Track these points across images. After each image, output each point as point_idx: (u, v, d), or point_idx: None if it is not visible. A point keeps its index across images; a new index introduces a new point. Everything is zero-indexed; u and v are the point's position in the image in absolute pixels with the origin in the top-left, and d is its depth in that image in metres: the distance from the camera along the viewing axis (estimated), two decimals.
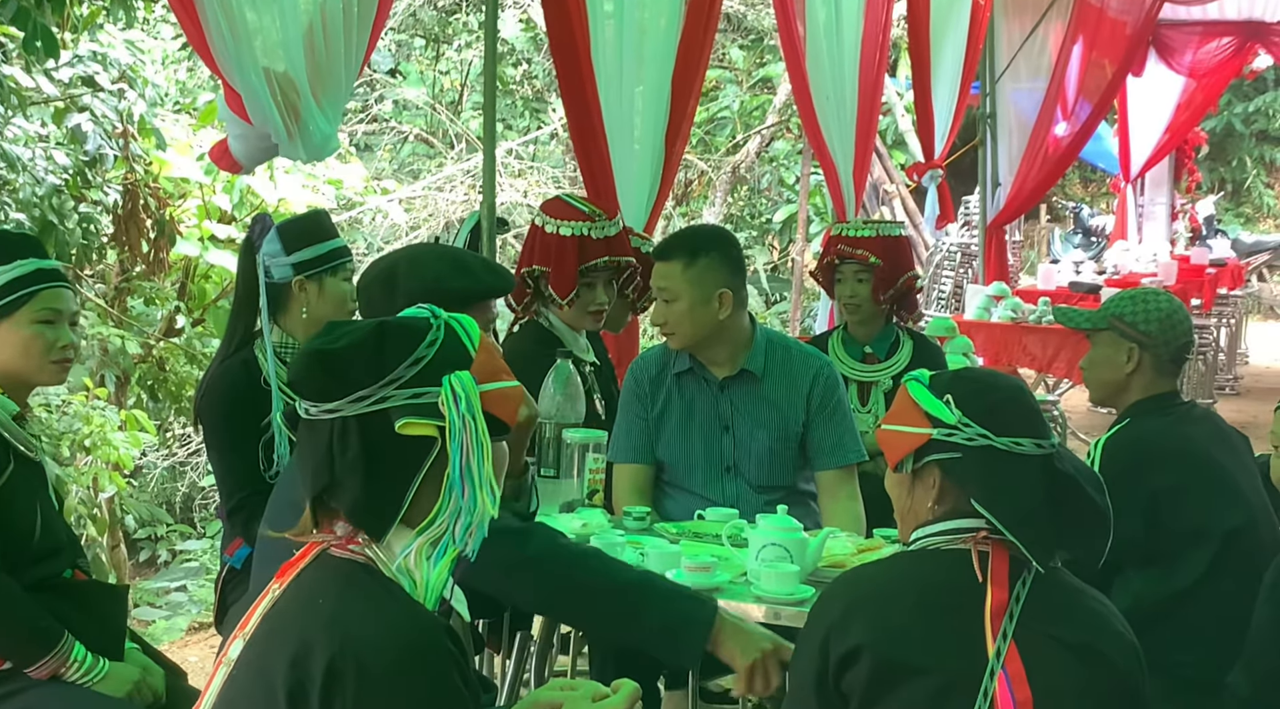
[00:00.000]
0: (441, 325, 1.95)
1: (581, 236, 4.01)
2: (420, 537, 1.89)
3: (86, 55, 6.33)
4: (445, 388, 1.88)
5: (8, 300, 2.87)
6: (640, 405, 3.74)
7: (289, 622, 1.86)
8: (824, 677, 2.23)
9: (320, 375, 1.90)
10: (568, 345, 3.97)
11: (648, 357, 3.87)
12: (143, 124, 6.67)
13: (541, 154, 11.87)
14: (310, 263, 3.56)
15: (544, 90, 12.21)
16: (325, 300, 3.60)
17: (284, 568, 1.96)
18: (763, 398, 3.69)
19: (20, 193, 5.86)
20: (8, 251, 2.93)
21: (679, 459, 3.71)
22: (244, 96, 3.85)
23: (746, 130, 12.40)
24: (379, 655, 1.77)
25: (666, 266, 3.65)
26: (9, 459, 2.85)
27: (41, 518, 2.91)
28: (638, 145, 5.39)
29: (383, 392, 1.87)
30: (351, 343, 1.91)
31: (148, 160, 6.99)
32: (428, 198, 10.99)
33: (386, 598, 1.86)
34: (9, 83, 5.62)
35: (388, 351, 1.90)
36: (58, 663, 2.76)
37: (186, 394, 8.21)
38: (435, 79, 12.47)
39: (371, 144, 12.20)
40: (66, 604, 2.90)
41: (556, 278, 3.99)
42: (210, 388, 3.61)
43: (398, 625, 1.81)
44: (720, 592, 2.98)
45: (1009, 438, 2.24)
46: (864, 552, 3.14)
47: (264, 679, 1.81)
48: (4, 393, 2.89)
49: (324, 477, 1.89)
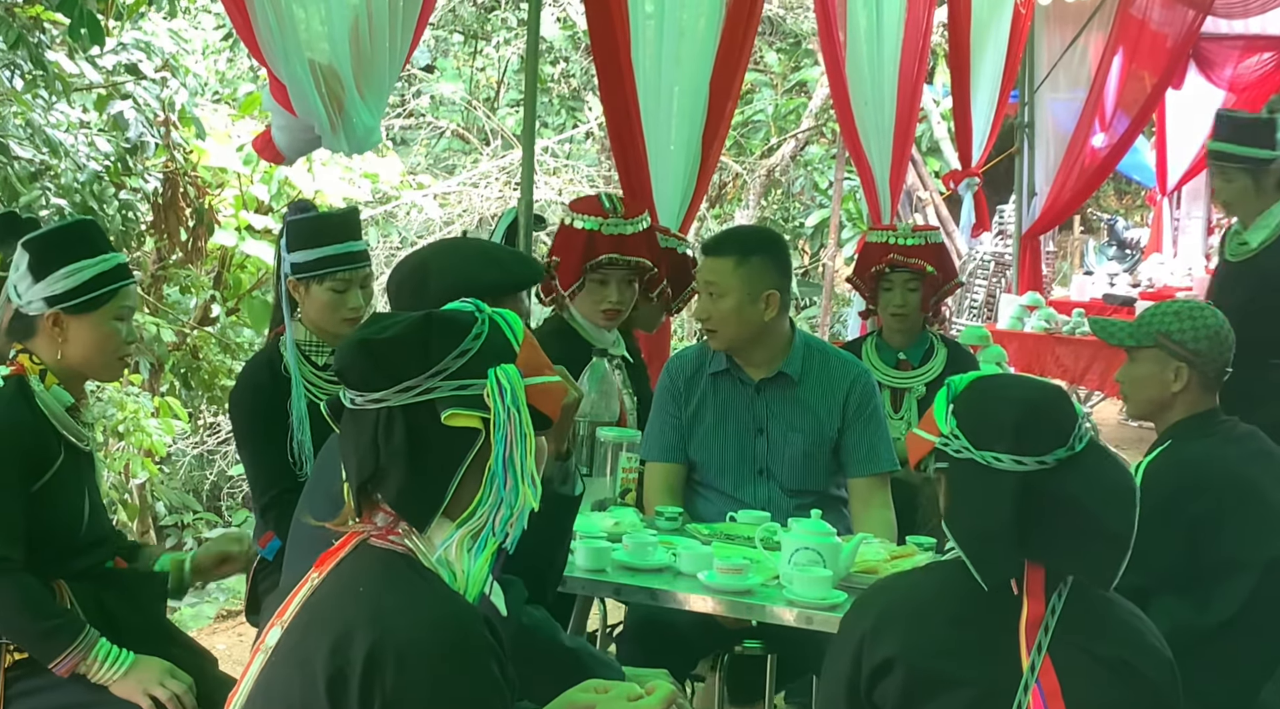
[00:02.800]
0: (486, 319, 1.96)
1: (592, 231, 4.02)
2: (461, 528, 1.90)
3: (130, 43, 6.37)
4: (491, 380, 1.89)
5: (93, 295, 2.87)
6: (674, 404, 3.74)
7: (329, 610, 1.87)
8: (856, 687, 2.23)
9: (366, 365, 1.91)
10: (591, 339, 3.97)
11: (684, 356, 3.87)
12: (183, 113, 6.72)
13: (577, 152, 11.88)
14: (299, 266, 3.52)
15: (581, 89, 12.22)
16: (311, 305, 3.56)
17: (323, 557, 1.97)
18: (799, 402, 3.68)
19: (62, 178, 5.90)
20: (94, 244, 2.92)
21: (711, 460, 3.71)
22: (288, 88, 3.86)
23: (781, 134, 12.38)
24: (418, 644, 1.78)
25: (718, 262, 3.65)
26: (60, 450, 2.86)
27: (89, 509, 2.92)
28: (674, 146, 5.38)
29: (429, 382, 1.88)
30: (398, 334, 1.92)
31: (187, 149, 7.03)
32: (462, 193, 11.01)
33: (426, 588, 1.87)
34: (53, 68, 5.66)
35: (434, 343, 1.91)
36: (76, 659, 2.76)
37: (219, 383, 8.26)
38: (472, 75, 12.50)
39: (408, 139, 12.23)
40: (108, 593, 2.92)
41: (562, 269, 4.01)
42: (238, 385, 3.67)
43: (437, 615, 1.82)
44: (752, 595, 2.99)
45: (989, 452, 2.21)
46: (897, 558, 3.13)
47: (303, 666, 1.82)
48: (60, 384, 2.90)
49: (368, 466, 1.90)
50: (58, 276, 2.84)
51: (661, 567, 3.14)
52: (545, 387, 1.97)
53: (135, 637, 2.85)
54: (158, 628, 3.04)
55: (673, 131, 5.36)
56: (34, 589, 2.77)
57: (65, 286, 2.84)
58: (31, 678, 2.78)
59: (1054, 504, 2.20)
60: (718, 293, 3.63)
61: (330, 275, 3.52)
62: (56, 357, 2.88)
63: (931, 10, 6.76)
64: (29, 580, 2.76)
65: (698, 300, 3.78)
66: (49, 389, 2.88)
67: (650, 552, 3.16)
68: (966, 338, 5.50)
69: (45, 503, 2.82)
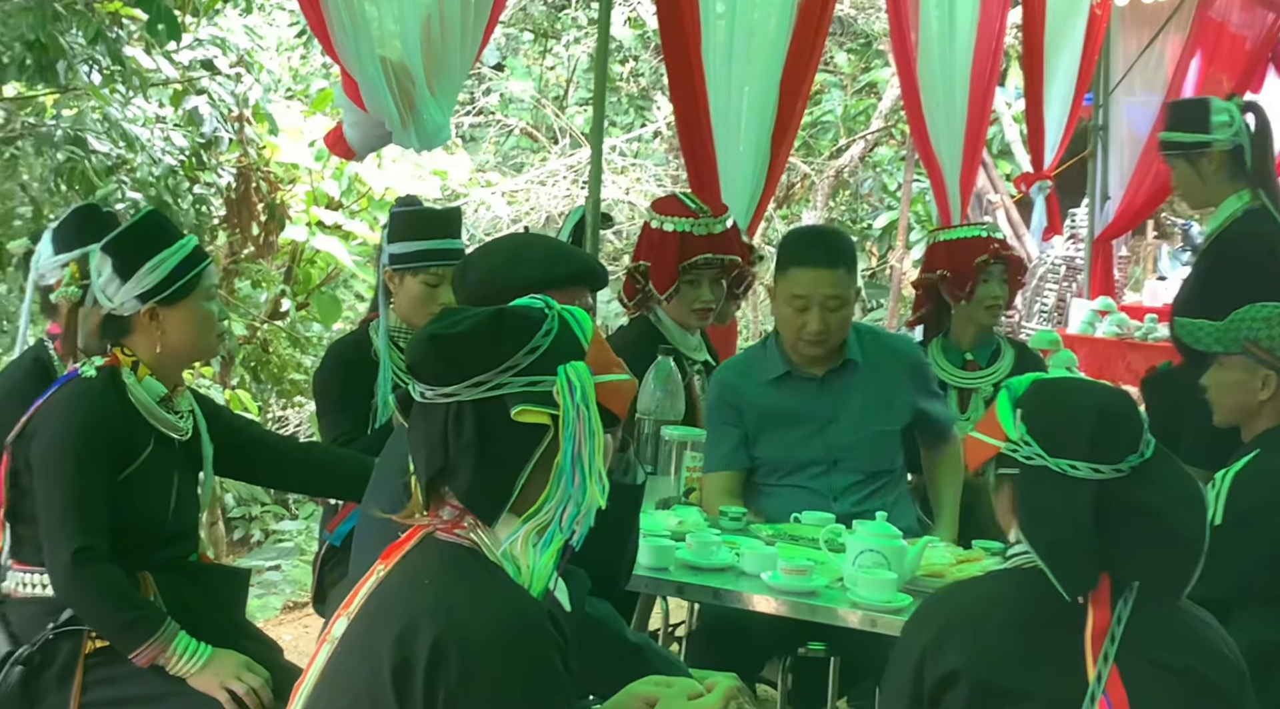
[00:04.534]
0: (555, 316, 1.97)
1: (683, 233, 4.01)
2: (527, 524, 1.91)
3: (206, 39, 6.45)
4: (561, 377, 1.90)
5: (182, 283, 2.91)
6: (731, 413, 3.71)
7: (394, 602, 1.88)
8: (919, 700, 2.20)
9: (437, 360, 1.92)
10: (675, 343, 3.97)
11: (733, 368, 3.87)
12: (257, 109, 6.79)
13: (645, 152, 11.89)
14: (397, 257, 3.64)
15: (649, 88, 12.22)
16: (403, 296, 3.66)
17: (390, 549, 1.98)
18: (865, 386, 3.70)
19: (138, 173, 5.99)
20: (168, 232, 2.96)
21: (783, 459, 3.69)
22: (360, 84, 3.91)
23: (850, 135, 12.32)
24: (482, 637, 1.79)
25: (835, 274, 3.61)
26: (149, 441, 2.90)
27: (176, 501, 2.95)
28: (743, 146, 5.38)
29: (499, 378, 1.89)
30: (469, 329, 1.93)
31: (260, 145, 7.11)
32: (530, 191, 11.05)
33: (491, 582, 1.87)
34: (131, 64, 5.74)
35: (505, 339, 1.91)
36: (156, 650, 2.78)
37: (287, 376, 8.35)
38: (542, 74, 12.54)
39: (477, 136, 12.29)
40: (190, 587, 2.95)
41: (656, 273, 4.00)
42: (324, 360, 3.84)
43: (502, 609, 1.83)
44: (816, 596, 2.97)
45: (1065, 460, 2.16)
46: (963, 562, 3.11)
47: (369, 657, 1.83)
48: (153, 375, 2.94)
49: (437, 460, 1.92)
50: (144, 272, 2.88)
51: (725, 566, 3.14)
52: (614, 385, 1.97)
53: (214, 631, 2.87)
54: (236, 623, 3.07)
55: (742, 132, 5.36)
56: (118, 579, 2.80)
57: (154, 281, 2.88)
58: (110, 666, 2.81)
59: (1129, 512, 2.15)
60: (837, 305, 3.61)
61: (424, 269, 3.62)
62: (155, 349, 2.92)
63: (1005, 11, 6.70)
64: (113, 570, 2.80)
65: (805, 314, 3.61)
66: (141, 381, 2.92)
67: (714, 551, 3.16)
68: (1037, 342, 5.44)
69: (131, 493, 2.85)
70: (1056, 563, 2.16)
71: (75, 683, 2.80)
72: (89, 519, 2.79)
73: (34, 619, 2.84)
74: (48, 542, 2.81)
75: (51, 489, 2.81)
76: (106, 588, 2.79)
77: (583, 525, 1.93)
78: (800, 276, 3.62)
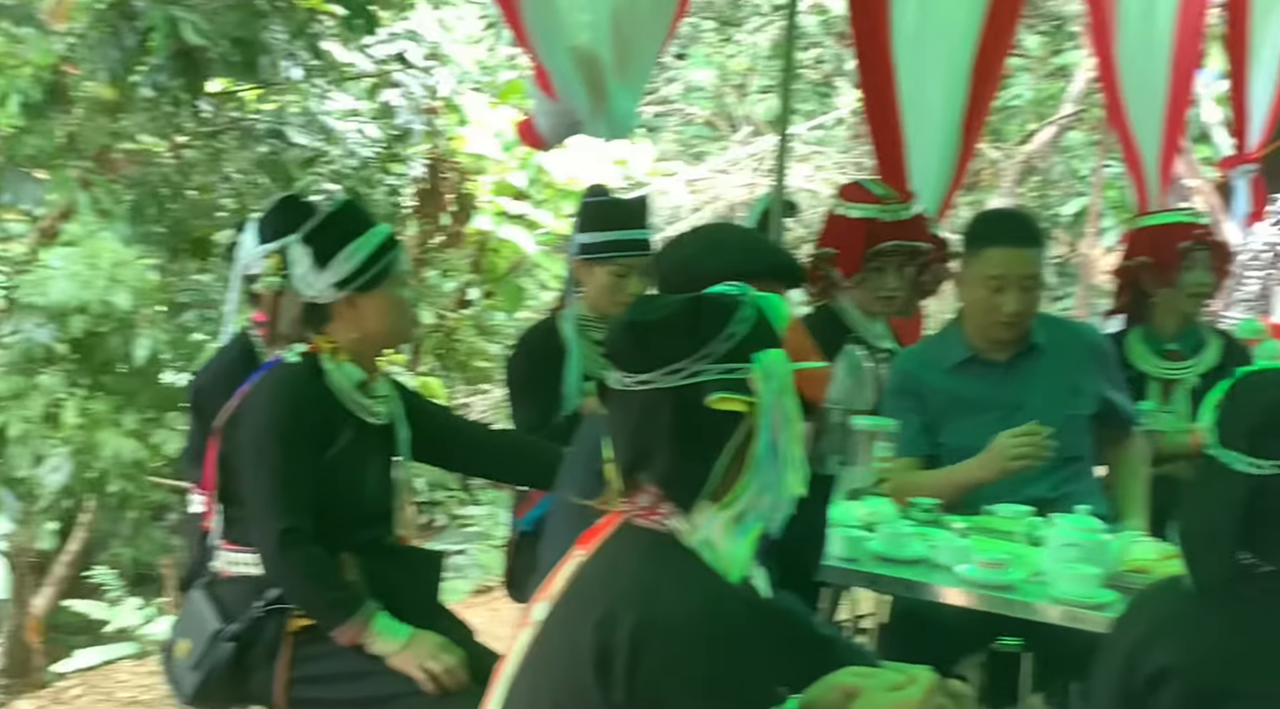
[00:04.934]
0: (752, 303, 1.96)
1: (870, 220, 3.95)
2: (725, 511, 1.91)
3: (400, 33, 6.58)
4: (758, 365, 1.89)
5: (379, 268, 2.97)
6: (914, 400, 3.65)
7: (594, 587, 1.90)
8: (1128, 698, 2.14)
9: (635, 347, 1.93)
10: (860, 332, 3.93)
11: (915, 355, 3.81)
12: (448, 101, 6.92)
13: (828, 139, 11.78)
14: (585, 246, 3.66)
15: (833, 75, 12.10)
16: (592, 286, 3.68)
17: (587, 535, 2.00)
18: (1052, 370, 3.61)
19: (334, 164, 6.15)
20: (362, 221, 3.03)
21: (968, 445, 3.60)
22: (551, 74, 3.94)
23: (1040, 119, 12.03)
24: (683, 624, 1.79)
25: (1032, 253, 3.55)
26: (347, 426, 2.97)
27: (374, 484, 3.02)
28: (933, 132, 5.28)
29: (696, 365, 1.90)
30: (666, 316, 1.93)
31: (450, 136, 7.24)
32: (711, 180, 11.04)
33: (689, 569, 1.88)
34: (328, 58, 5.90)
35: (702, 327, 1.92)
36: (356, 630, 2.85)
37: (474, 364, 8.50)
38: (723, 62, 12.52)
39: (658, 126, 12.33)
40: (391, 569, 3.00)
41: (843, 260, 3.94)
42: (516, 347, 3.88)
43: (701, 596, 1.83)
44: (1014, 590, 2.91)
45: (1232, 451, 2.09)
46: (1169, 558, 3.00)
47: (570, 641, 1.85)
48: (352, 361, 3.01)
49: (635, 447, 1.93)
50: (340, 261, 2.94)
51: (918, 558, 3.08)
52: (810, 372, 1.97)
53: (411, 611, 2.92)
54: (432, 604, 3.13)
55: (932, 117, 5.26)
56: (321, 560, 2.87)
57: (350, 269, 2.94)
58: (315, 643, 2.88)
59: None
60: (1032, 285, 3.54)
61: (612, 260, 3.64)
62: (353, 335, 2.98)
63: None
64: (317, 551, 2.87)
65: (1001, 295, 3.54)
66: (340, 367, 2.99)
67: (906, 542, 3.11)
68: (1241, 332, 5.22)
69: (332, 476, 2.92)
70: (1191, 549, 2.12)
71: (282, 659, 2.89)
72: (294, 501, 2.87)
73: (243, 597, 2.94)
74: (255, 523, 2.90)
75: (259, 472, 2.90)
76: (311, 568, 2.87)
77: (781, 513, 1.92)
78: (995, 256, 3.54)
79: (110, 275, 5.36)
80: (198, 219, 5.80)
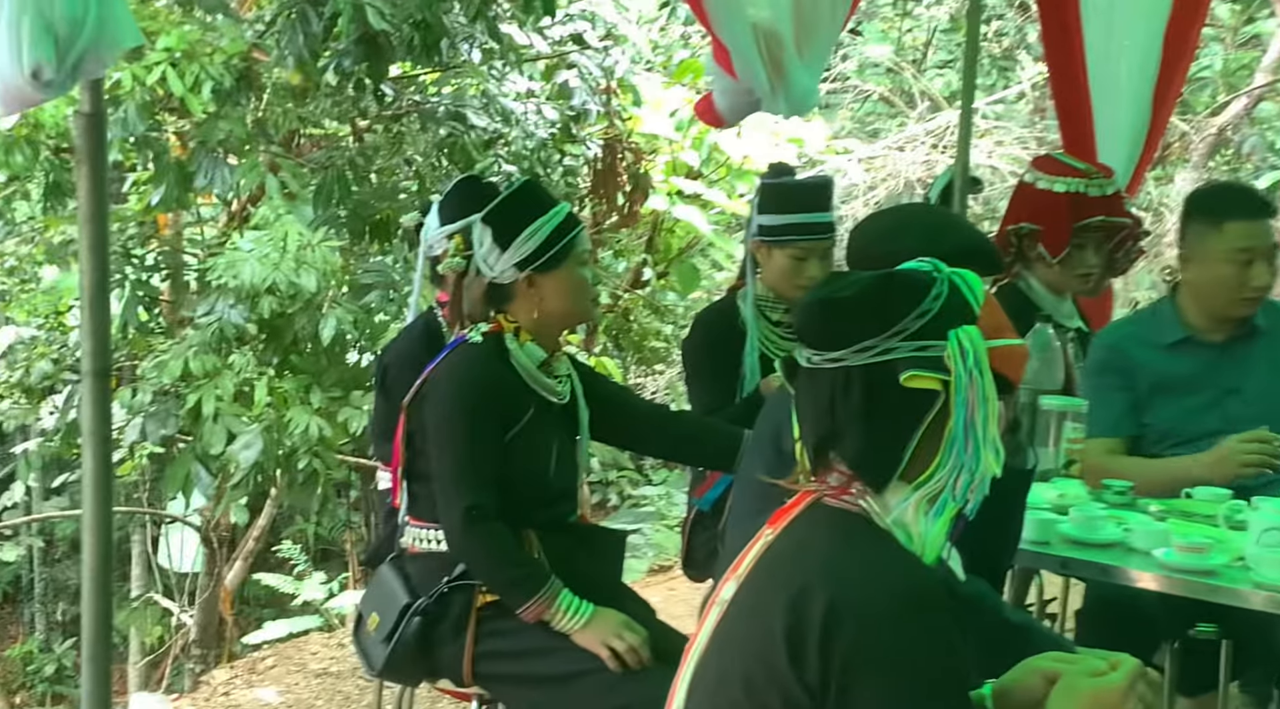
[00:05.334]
0: (945, 279, 1.91)
1: (1076, 194, 3.84)
2: (918, 491, 1.87)
3: (576, 14, 6.61)
4: (952, 342, 1.84)
5: (559, 247, 2.99)
6: (1122, 378, 3.55)
7: (785, 566, 1.87)
8: None
9: (825, 324, 1.89)
10: (1047, 309, 3.83)
11: (1121, 331, 3.70)
12: (623, 81, 6.93)
13: (1008, 114, 11.52)
14: (765, 228, 3.64)
15: (1013, 48, 11.82)
16: (770, 268, 3.65)
17: (777, 514, 1.97)
18: (1269, 353, 3.49)
19: (512, 146, 6.21)
20: (543, 201, 3.05)
21: (1175, 427, 3.50)
22: (731, 51, 3.91)
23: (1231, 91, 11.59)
24: (877, 603, 1.76)
25: (1271, 224, 3.43)
26: (530, 405, 3.00)
27: (556, 463, 3.04)
28: (1122, 105, 5.11)
29: (888, 343, 1.85)
30: (857, 294, 1.89)
31: (625, 116, 7.25)
32: (887, 157, 10.88)
33: (883, 548, 1.84)
34: (506, 40, 5.95)
35: (893, 303, 1.87)
36: (542, 607, 2.87)
37: (647, 345, 8.52)
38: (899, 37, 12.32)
39: (832, 103, 12.19)
40: (573, 547, 3.03)
41: (1049, 236, 3.83)
42: (693, 328, 3.88)
43: (897, 575, 1.80)
44: (1215, 576, 2.81)
45: None
46: None
47: (761, 620, 1.83)
48: (534, 341, 3.03)
49: (824, 426, 1.89)
50: (521, 241, 2.97)
51: (1112, 542, 3.00)
52: (1007, 350, 1.91)
53: (595, 589, 2.95)
54: (615, 582, 3.14)
55: (1121, 90, 5.09)
56: (505, 538, 2.91)
57: (531, 248, 2.97)
58: (500, 619, 2.92)
59: None
60: (1275, 256, 3.42)
61: (792, 243, 3.60)
62: (533, 315, 3.01)
63: None
64: (501, 529, 2.90)
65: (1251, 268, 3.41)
66: (522, 346, 3.02)
67: (1099, 526, 3.02)
68: None
69: (514, 455, 2.95)
70: None
71: (469, 634, 2.93)
72: (479, 478, 2.90)
73: (430, 573, 2.99)
74: (442, 499, 2.94)
75: (444, 449, 2.94)
76: (495, 545, 2.90)
77: (976, 494, 1.87)
78: (1240, 230, 3.41)
79: (297, 257, 5.49)
80: (380, 202, 5.91)
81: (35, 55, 2.34)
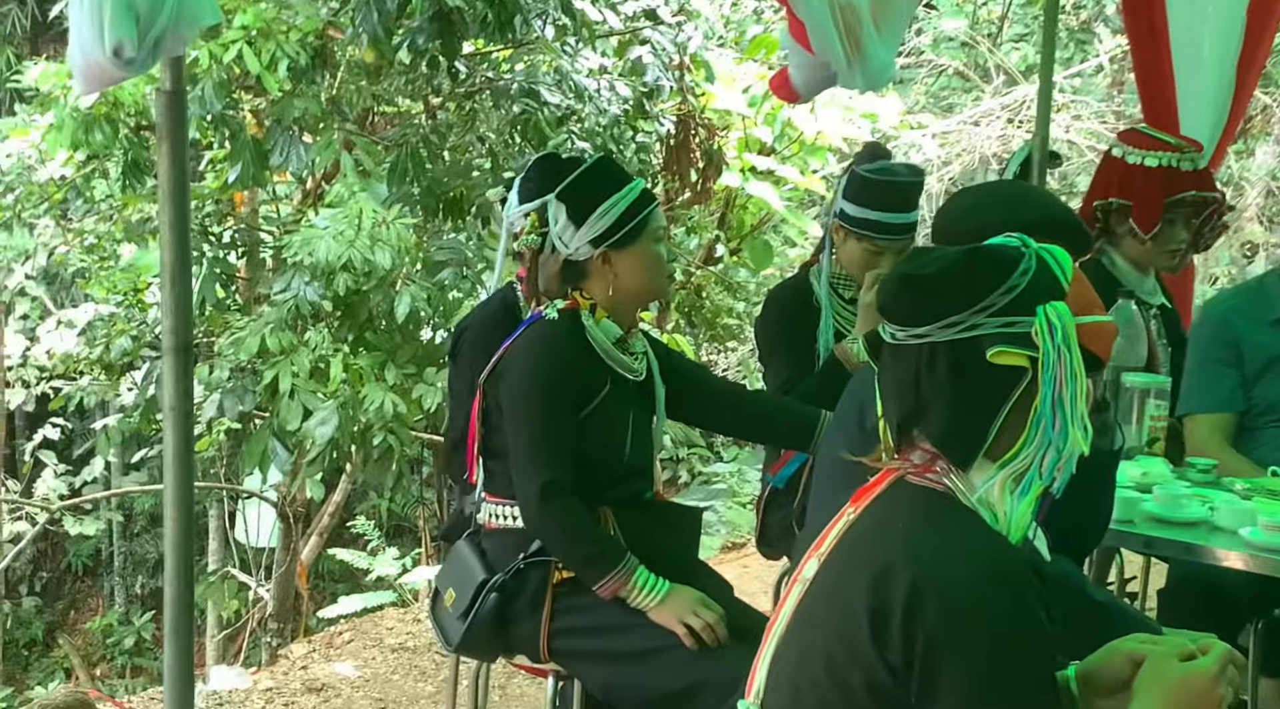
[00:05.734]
0: (1033, 254, 1.88)
1: (1169, 168, 3.77)
2: (1004, 469, 1.84)
3: None
4: (1040, 318, 1.82)
5: (634, 224, 2.99)
6: (1231, 352, 3.51)
7: (867, 544, 1.86)
8: None
9: (910, 300, 1.87)
10: (1130, 286, 3.78)
11: (1228, 305, 3.67)
12: (695, 57, 6.89)
13: (1086, 88, 11.35)
14: (846, 216, 3.64)
15: (1090, 20, 11.64)
16: (846, 252, 3.65)
17: (859, 492, 1.96)
18: None
19: (585, 123, 6.19)
20: (617, 178, 3.05)
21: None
22: (807, 25, 3.86)
23: None
24: (962, 581, 1.74)
25: None
26: (606, 381, 2.99)
27: (631, 439, 3.03)
28: (1205, 77, 5.01)
29: (974, 319, 1.83)
30: (942, 269, 1.87)
31: (698, 92, 7.21)
32: (962, 132, 10.77)
33: (968, 527, 1.82)
34: (580, 16, 5.93)
35: (979, 279, 1.85)
36: (618, 584, 2.87)
37: (720, 322, 8.49)
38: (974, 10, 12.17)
39: (905, 78, 12.07)
40: (649, 523, 3.02)
41: (1140, 211, 3.77)
42: (766, 304, 3.89)
43: (981, 554, 1.78)
44: None
45: None
46: None
47: (843, 598, 1.82)
48: (609, 317, 3.03)
49: (909, 402, 1.87)
50: (595, 218, 2.96)
51: (1196, 521, 2.95)
52: (1096, 326, 1.88)
53: (670, 566, 2.94)
54: (691, 559, 3.13)
55: (1204, 61, 4.99)
56: (581, 514, 2.91)
57: (605, 225, 2.96)
58: (577, 595, 2.93)
59: None
60: None
61: (870, 238, 3.58)
62: (608, 292, 3.00)
63: None
64: (576, 505, 2.90)
65: None
66: (599, 323, 3.01)
67: (1184, 504, 2.98)
68: None
69: (589, 431, 2.94)
70: None
71: (545, 610, 2.93)
72: (555, 454, 2.90)
73: (507, 549, 2.99)
74: (518, 475, 2.94)
75: (520, 425, 2.94)
76: (571, 522, 2.90)
77: (1064, 473, 1.84)
78: None
79: (371, 235, 5.51)
80: (453, 179, 5.92)
81: (117, 33, 2.36)
